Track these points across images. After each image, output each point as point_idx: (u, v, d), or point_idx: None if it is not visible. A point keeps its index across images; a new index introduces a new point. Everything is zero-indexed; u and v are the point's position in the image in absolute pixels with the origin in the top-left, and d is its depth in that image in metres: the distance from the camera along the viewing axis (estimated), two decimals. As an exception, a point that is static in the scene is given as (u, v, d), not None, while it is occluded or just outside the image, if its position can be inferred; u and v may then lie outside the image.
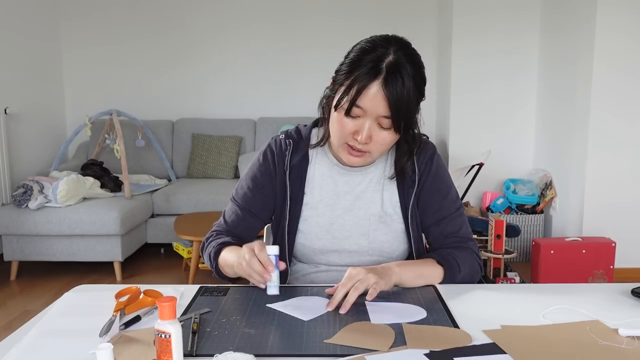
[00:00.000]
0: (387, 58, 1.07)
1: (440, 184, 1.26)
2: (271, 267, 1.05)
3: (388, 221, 1.25)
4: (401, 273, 1.11)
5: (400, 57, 1.08)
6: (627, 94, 3.09)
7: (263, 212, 1.30)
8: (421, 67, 1.13)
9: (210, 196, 3.67)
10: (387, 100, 1.07)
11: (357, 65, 1.09)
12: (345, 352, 0.84)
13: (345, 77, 1.10)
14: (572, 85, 3.33)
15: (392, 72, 1.06)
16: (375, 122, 1.11)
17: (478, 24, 3.83)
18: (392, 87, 1.06)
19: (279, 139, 1.30)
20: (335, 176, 1.27)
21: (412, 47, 1.13)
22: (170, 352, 0.77)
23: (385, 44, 1.09)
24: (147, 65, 4.46)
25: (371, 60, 1.07)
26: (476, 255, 1.25)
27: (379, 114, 1.09)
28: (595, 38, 3.04)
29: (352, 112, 1.10)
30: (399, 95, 1.06)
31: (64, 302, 1.08)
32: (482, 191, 3.89)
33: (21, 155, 3.88)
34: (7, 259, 3.32)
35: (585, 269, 2.99)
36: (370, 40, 1.12)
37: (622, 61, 3.06)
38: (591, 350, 0.84)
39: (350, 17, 4.32)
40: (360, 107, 1.09)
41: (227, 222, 1.32)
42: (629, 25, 3.03)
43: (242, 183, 1.31)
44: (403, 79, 1.06)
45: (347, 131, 1.13)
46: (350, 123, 1.12)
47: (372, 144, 1.13)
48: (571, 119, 3.35)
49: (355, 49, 1.13)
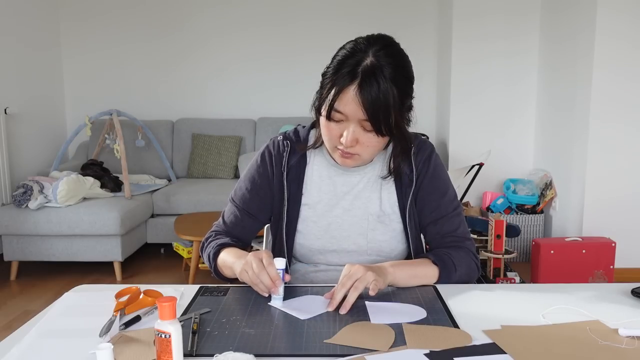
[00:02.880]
0: (364, 62, 1.07)
1: (438, 183, 1.26)
2: (279, 282, 1.05)
3: (386, 221, 1.25)
4: (395, 273, 1.11)
5: (380, 59, 1.07)
6: (626, 96, 3.09)
7: (261, 213, 1.31)
8: (404, 67, 1.11)
9: (210, 196, 3.67)
10: (363, 105, 1.06)
11: (337, 70, 1.09)
12: (345, 352, 0.84)
13: (327, 81, 1.11)
14: (572, 85, 3.33)
15: (367, 76, 1.06)
16: (359, 125, 1.10)
17: (478, 27, 3.83)
18: (367, 92, 1.05)
19: (276, 140, 1.30)
20: (333, 176, 1.28)
21: (396, 46, 1.13)
22: (170, 352, 0.77)
23: (365, 47, 1.09)
24: (147, 66, 4.46)
25: (350, 65, 1.07)
26: (473, 255, 1.25)
27: (359, 117, 1.09)
28: (594, 42, 3.04)
29: (334, 116, 1.11)
30: (374, 99, 1.06)
31: (64, 302, 1.08)
32: (482, 191, 3.89)
33: (21, 155, 3.88)
34: (7, 259, 3.32)
35: (585, 269, 2.99)
36: (353, 43, 1.12)
37: (621, 64, 3.06)
38: (591, 350, 0.84)
39: (351, 19, 4.32)
40: (340, 111, 1.09)
41: (225, 223, 1.32)
42: (628, 30, 3.03)
43: (241, 184, 1.32)
44: (379, 82, 1.05)
45: (333, 135, 1.14)
46: (335, 127, 1.12)
47: (359, 147, 1.13)
48: (571, 119, 3.35)
49: (339, 53, 1.13)
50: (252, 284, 1.08)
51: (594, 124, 3.11)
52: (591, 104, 3.10)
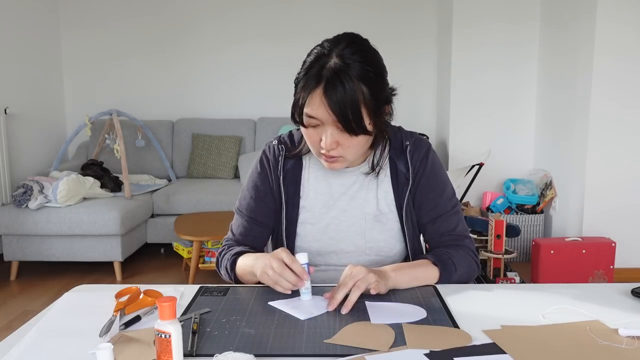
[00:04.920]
0: (328, 64, 1.07)
1: (436, 181, 1.26)
2: (306, 276, 1.05)
3: (384, 220, 1.25)
4: (396, 278, 1.11)
5: (345, 58, 1.06)
6: (626, 97, 3.09)
7: (269, 219, 1.30)
8: (372, 61, 1.10)
9: (210, 196, 3.67)
10: (330, 107, 1.06)
11: (304, 75, 1.09)
12: (345, 352, 0.84)
13: (297, 87, 1.11)
14: (572, 86, 3.33)
15: (332, 78, 1.05)
16: (335, 127, 1.09)
17: (478, 27, 3.83)
18: (332, 94, 1.05)
19: (272, 145, 1.30)
20: (329, 178, 1.27)
21: (361, 42, 1.12)
22: (170, 352, 0.77)
23: (330, 48, 1.09)
24: (147, 66, 4.46)
25: (316, 68, 1.07)
26: (473, 253, 1.24)
27: (332, 119, 1.08)
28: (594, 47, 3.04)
29: (307, 122, 1.10)
30: (340, 100, 1.05)
31: (64, 302, 1.08)
32: (482, 191, 3.89)
33: (21, 155, 3.88)
34: (7, 259, 3.32)
35: (585, 269, 2.99)
36: (319, 47, 1.12)
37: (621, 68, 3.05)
38: (591, 351, 0.84)
39: (351, 19, 4.31)
40: (312, 116, 1.09)
41: (235, 235, 1.32)
42: (627, 36, 3.03)
43: (245, 194, 1.31)
44: (343, 82, 1.05)
45: (313, 141, 1.13)
46: (314, 132, 1.12)
47: (341, 149, 1.13)
48: (571, 119, 3.35)
49: (307, 59, 1.12)
50: (274, 284, 1.07)
51: (594, 124, 3.11)
52: (591, 104, 3.10)
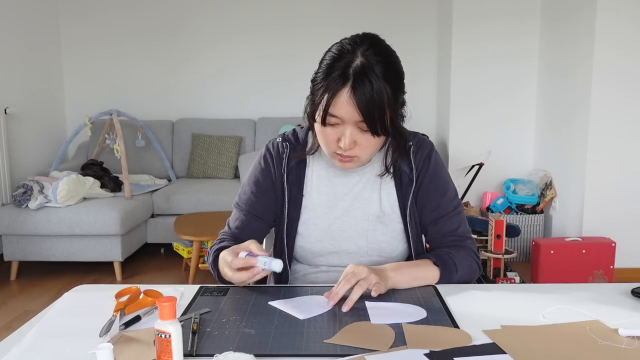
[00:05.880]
0: (354, 63, 1.07)
1: (438, 182, 1.26)
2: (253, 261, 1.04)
3: (386, 221, 1.25)
4: (395, 277, 1.11)
5: (369, 58, 1.07)
6: (626, 96, 3.09)
7: (268, 215, 1.29)
8: (394, 64, 1.11)
9: (210, 196, 3.67)
10: (358, 107, 1.06)
11: (327, 74, 1.09)
12: (345, 352, 0.84)
13: (318, 87, 1.11)
14: (572, 86, 3.33)
15: (359, 77, 1.05)
16: (355, 126, 1.10)
17: (478, 27, 3.83)
18: (361, 93, 1.05)
19: (276, 142, 1.29)
20: (332, 178, 1.27)
21: (383, 43, 1.13)
22: (170, 352, 0.77)
23: (352, 48, 1.09)
24: (147, 66, 4.46)
25: (339, 68, 1.07)
26: (474, 254, 1.24)
27: (355, 119, 1.08)
28: (594, 43, 3.03)
29: (329, 121, 1.10)
30: (369, 100, 1.05)
31: (64, 302, 1.08)
32: (482, 191, 3.89)
33: (21, 155, 3.88)
34: (7, 259, 3.32)
35: (585, 269, 2.99)
36: (339, 45, 1.12)
37: (621, 65, 3.05)
38: (591, 350, 0.84)
39: (350, 19, 4.31)
40: (335, 115, 1.09)
41: (231, 229, 1.30)
42: (627, 31, 3.02)
43: (245, 188, 1.31)
44: (371, 82, 1.05)
45: (330, 140, 1.13)
46: (332, 132, 1.12)
47: (357, 149, 1.13)
48: (571, 119, 3.35)
49: (326, 57, 1.12)
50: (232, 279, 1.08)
51: (594, 124, 3.11)
52: (591, 104, 3.10)
